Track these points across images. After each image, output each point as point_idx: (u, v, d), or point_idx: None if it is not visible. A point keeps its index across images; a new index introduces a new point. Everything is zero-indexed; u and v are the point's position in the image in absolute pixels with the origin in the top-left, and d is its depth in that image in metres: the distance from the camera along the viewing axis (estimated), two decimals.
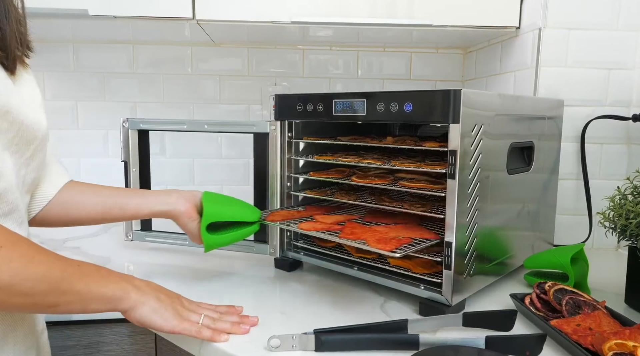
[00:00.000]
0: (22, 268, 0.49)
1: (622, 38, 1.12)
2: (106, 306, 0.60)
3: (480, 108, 0.78)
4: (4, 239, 0.49)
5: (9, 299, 0.50)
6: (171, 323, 0.65)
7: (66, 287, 0.54)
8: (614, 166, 1.16)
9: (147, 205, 0.84)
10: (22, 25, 0.65)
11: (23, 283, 0.49)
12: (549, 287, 0.78)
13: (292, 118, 0.97)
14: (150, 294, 0.65)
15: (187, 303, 0.71)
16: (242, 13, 1.14)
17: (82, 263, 0.59)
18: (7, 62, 0.59)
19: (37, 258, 0.52)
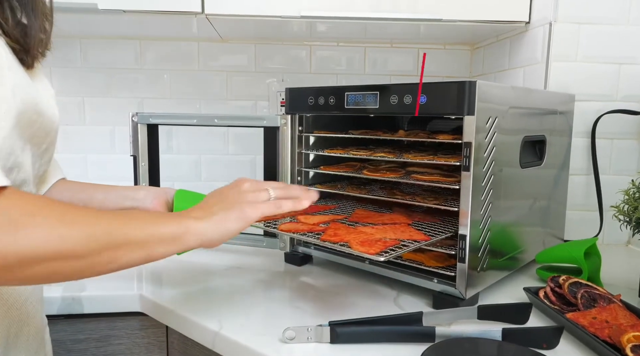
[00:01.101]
0: (64, 233, 0.46)
1: (633, 32, 1.11)
2: (172, 246, 0.55)
3: (495, 101, 0.77)
4: (36, 207, 0.46)
5: (64, 265, 0.46)
6: (245, 217, 0.60)
7: (120, 239, 0.51)
8: (625, 162, 1.15)
9: (112, 201, 0.80)
10: (48, 21, 0.64)
11: (72, 247, 0.46)
12: (563, 280, 0.78)
13: (304, 112, 0.97)
14: (209, 213, 0.60)
15: (246, 184, 0.66)
16: (251, 7, 1.14)
17: (131, 212, 0.57)
18: (27, 58, 0.59)
19: (79, 219, 0.48)
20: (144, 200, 0.80)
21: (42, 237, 0.44)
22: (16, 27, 0.61)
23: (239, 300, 0.82)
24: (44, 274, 0.45)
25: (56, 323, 0.83)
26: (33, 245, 0.43)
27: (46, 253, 0.44)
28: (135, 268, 0.89)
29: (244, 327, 0.71)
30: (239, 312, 0.77)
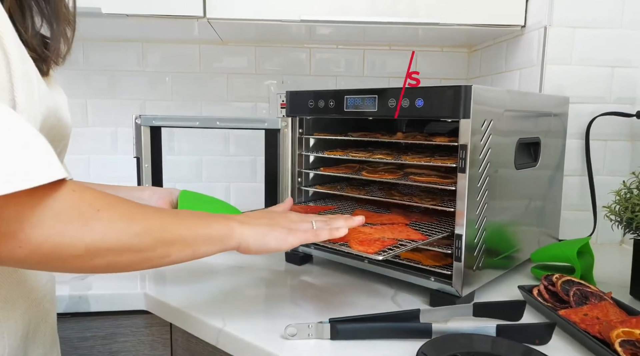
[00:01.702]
0: (125, 227, 0.50)
1: (626, 36, 1.14)
2: (216, 246, 0.59)
3: (490, 104, 0.79)
4: (101, 202, 0.49)
5: (121, 258, 0.50)
6: (286, 241, 0.64)
7: (172, 236, 0.54)
8: (618, 163, 1.18)
9: None
10: (70, 28, 0.66)
11: (130, 241, 0.50)
12: (556, 279, 0.80)
13: (304, 114, 0.99)
14: (254, 224, 0.64)
15: (293, 215, 0.71)
16: (252, 11, 1.16)
17: (180, 211, 0.60)
18: (44, 66, 0.61)
19: (138, 216, 0.52)
20: (150, 200, 0.83)
21: (107, 231, 0.48)
22: (35, 36, 0.63)
23: (241, 298, 0.84)
24: (102, 264, 0.49)
25: (64, 321, 0.85)
26: (98, 238, 0.47)
27: (109, 246, 0.48)
28: None
29: (247, 324, 0.73)
30: (242, 310, 0.79)
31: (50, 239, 0.44)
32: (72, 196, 0.46)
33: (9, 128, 0.43)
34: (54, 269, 0.51)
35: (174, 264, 0.56)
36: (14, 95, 0.53)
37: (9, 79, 0.53)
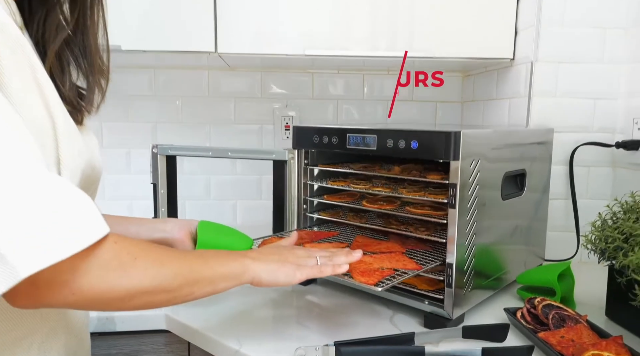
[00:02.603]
0: (157, 272, 0.58)
1: (607, 70, 1.22)
2: (232, 282, 0.68)
3: (478, 145, 0.88)
4: (137, 249, 0.57)
5: (154, 298, 0.58)
6: (293, 276, 0.72)
7: (196, 277, 0.63)
8: (600, 187, 1.26)
9: (145, 233, 0.91)
10: (104, 79, 0.74)
11: (162, 283, 0.58)
12: (537, 302, 0.89)
13: (309, 148, 1.08)
14: (266, 260, 0.72)
15: (300, 251, 0.78)
16: (260, 47, 1.25)
17: (203, 252, 0.69)
18: (79, 116, 0.69)
19: (168, 260, 0.60)
20: (172, 231, 0.91)
21: (143, 277, 0.56)
22: (71, 89, 0.71)
23: (253, 319, 0.93)
24: (139, 304, 0.57)
25: (92, 339, 0.93)
26: (136, 283, 0.55)
27: (145, 289, 0.56)
28: None
29: (260, 346, 0.82)
30: (254, 331, 0.88)
31: (96, 286, 0.53)
32: (114, 247, 0.55)
33: (61, 194, 0.51)
34: (97, 309, 0.60)
35: (197, 299, 0.65)
36: (58, 153, 0.62)
37: (55, 139, 0.61)
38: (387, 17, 1.25)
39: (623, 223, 0.87)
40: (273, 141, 1.65)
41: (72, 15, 0.72)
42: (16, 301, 0.51)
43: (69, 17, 0.72)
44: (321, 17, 1.24)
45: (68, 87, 0.70)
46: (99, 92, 0.75)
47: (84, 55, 0.73)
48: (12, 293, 0.46)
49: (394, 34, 1.25)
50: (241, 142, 1.64)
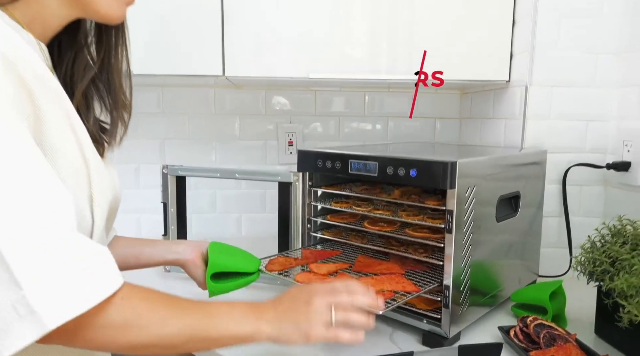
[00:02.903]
0: (160, 330, 0.59)
1: (599, 94, 1.27)
2: (242, 342, 0.66)
3: (473, 173, 0.93)
4: (143, 306, 0.59)
5: (156, 351, 0.61)
6: (306, 339, 0.69)
7: (202, 335, 0.63)
8: (592, 205, 1.32)
9: (158, 254, 0.96)
10: (127, 113, 0.80)
11: (163, 340, 0.60)
12: (530, 321, 0.94)
13: (312, 171, 1.13)
14: (280, 322, 0.69)
15: (318, 305, 0.71)
16: (266, 70, 1.30)
17: (213, 306, 0.66)
18: (101, 149, 0.75)
19: (174, 316, 0.61)
20: (184, 253, 0.97)
21: (146, 335, 0.59)
22: (95, 124, 0.77)
23: None
24: (141, 353, 0.61)
25: None
26: (136, 340, 0.58)
27: (146, 345, 0.59)
28: None
29: None
30: (261, 346, 0.93)
31: (97, 340, 0.56)
32: (121, 304, 0.57)
33: (82, 251, 0.55)
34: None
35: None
36: (91, 191, 0.67)
37: (88, 178, 0.67)
38: (387, 42, 1.30)
39: (610, 247, 0.92)
40: (277, 156, 1.70)
41: (98, 56, 0.78)
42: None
43: (95, 57, 0.78)
44: (325, 43, 1.29)
45: (92, 123, 0.76)
46: (122, 125, 0.80)
47: (109, 92, 0.79)
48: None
49: (394, 59, 1.30)
50: (246, 158, 1.69)
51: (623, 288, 0.82)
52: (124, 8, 0.72)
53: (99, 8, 0.68)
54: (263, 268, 1.01)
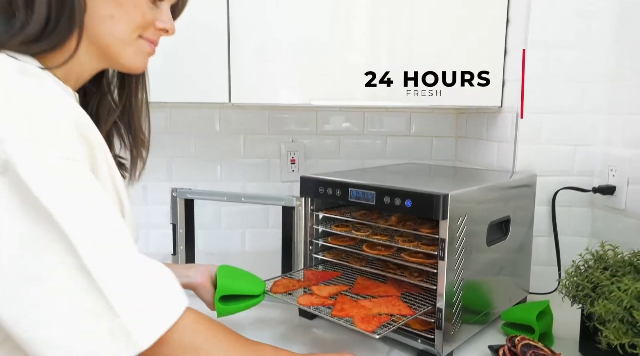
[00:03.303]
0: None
1: (586, 119, 1.34)
2: None
3: (465, 203, 1.00)
4: (210, 333, 0.67)
5: None
6: None
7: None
8: (580, 226, 1.38)
9: None
10: (145, 150, 0.87)
11: None
12: (517, 341, 1.00)
13: (314, 197, 1.19)
14: None
15: None
16: (270, 97, 1.36)
17: (264, 348, 0.76)
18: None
19: (231, 350, 0.69)
20: (195, 277, 1.04)
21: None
22: (114, 159, 0.84)
23: None
24: None
25: None
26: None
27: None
28: None
29: None
30: None
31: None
32: (190, 326, 0.64)
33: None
34: None
35: None
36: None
37: (122, 214, 0.74)
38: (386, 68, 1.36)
39: (592, 273, 0.99)
40: (279, 174, 1.77)
41: (120, 99, 0.86)
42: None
43: (117, 100, 0.85)
44: (326, 72, 1.35)
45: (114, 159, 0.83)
46: (141, 162, 0.88)
47: (129, 131, 0.87)
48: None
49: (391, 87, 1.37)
50: (250, 175, 1.76)
51: (601, 314, 0.89)
52: (146, 60, 0.79)
53: (124, 61, 0.75)
54: (268, 291, 1.07)
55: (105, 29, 0.71)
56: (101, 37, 0.71)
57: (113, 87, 0.85)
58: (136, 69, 0.77)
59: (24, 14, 0.66)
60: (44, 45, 0.68)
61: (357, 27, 1.36)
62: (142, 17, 0.73)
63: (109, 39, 0.71)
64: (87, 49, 0.71)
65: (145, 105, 0.89)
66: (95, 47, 0.72)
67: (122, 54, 0.74)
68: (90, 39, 0.71)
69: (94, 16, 0.69)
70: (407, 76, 1.36)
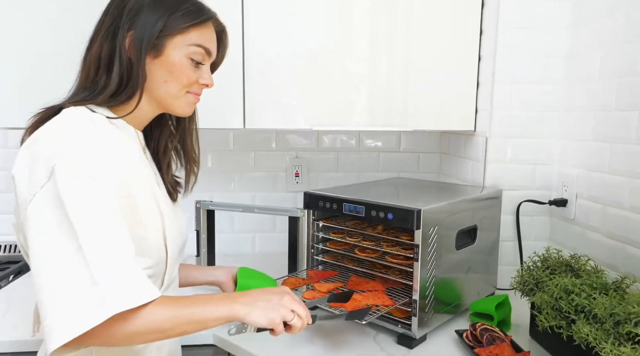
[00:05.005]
0: (166, 325, 0.81)
1: (544, 143, 1.59)
2: (222, 322, 0.86)
3: (436, 216, 1.25)
4: (163, 311, 0.81)
5: (160, 336, 0.84)
6: (271, 324, 0.89)
7: (190, 318, 0.83)
8: (540, 232, 1.63)
9: (202, 277, 1.29)
10: (196, 166, 1.12)
11: (166, 328, 0.81)
12: (478, 326, 1.25)
13: (315, 209, 1.45)
14: (251, 306, 0.87)
15: (286, 302, 0.92)
16: (278, 123, 1.62)
17: (199, 296, 0.87)
18: (175, 196, 1.08)
19: (172, 311, 0.82)
20: (220, 277, 1.29)
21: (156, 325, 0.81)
22: (171, 178, 1.09)
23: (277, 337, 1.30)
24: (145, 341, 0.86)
25: None
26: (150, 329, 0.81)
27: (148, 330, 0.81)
28: None
29: (284, 354, 1.19)
30: (276, 345, 1.25)
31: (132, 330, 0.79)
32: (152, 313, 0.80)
33: (138, 273, 0.82)
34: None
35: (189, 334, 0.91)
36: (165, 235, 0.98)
37: (163, 226, 0.97)
38: (382, 101, 1.62)
39: (536, 271, 1.24)
40: (285, 185, 2.03)
41: (177, 130, 1.11)
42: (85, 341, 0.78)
43: (174, 131, 1.10)
44: (327, 102, 1.60)
45: (170, 178, 1.08)
46: (193, 175, 1.13)
47: (184, 151, 1.12)
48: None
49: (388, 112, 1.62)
50: (259, 186, 2.02)
51: (538, 303, 1.14)
52: (192, 107, 1.05)
53: (176, 110, 1.01)
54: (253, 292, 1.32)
55: (161, 90, 0.96)
56: (159, 95, 0.97)
57: (172, 120, 1.11)
58: (185, 114, 1.03)
59: (104, 81, 0.93)
60: (116, 102, 0.94)
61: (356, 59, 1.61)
62: (187, 79, 0.98)
63: (164, 96, 0.97)
64: (149, 102, 0.97)
65: (195, 131, 1.14)
66: (155, 101, 0.98)
67: (174, 105, 0.99)
68: (151, 96, 0.97)
69: (153, 81, 0.95)
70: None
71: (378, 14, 1.58)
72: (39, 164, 0.80)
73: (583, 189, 1.47)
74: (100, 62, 0.92)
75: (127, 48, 0.91)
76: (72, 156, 0.81)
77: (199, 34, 0.97)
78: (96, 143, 0.86)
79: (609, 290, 1.09)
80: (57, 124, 0.86)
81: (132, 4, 0.92)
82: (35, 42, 1.50)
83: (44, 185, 0.78)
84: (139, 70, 0.92)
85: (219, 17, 1.03)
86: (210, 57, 1.01)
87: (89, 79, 0.93)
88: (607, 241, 1.36)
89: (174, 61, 0.95)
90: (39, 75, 1.50)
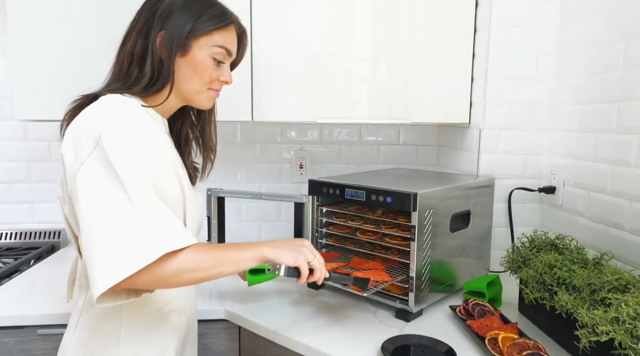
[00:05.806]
0: (204, 265, 0.91)
1: (534, 135, 1.70)
2: (253, 263, 0.97)
3: (431, 199, 1.36)
4: (203, 255, 0.91)
5: (199, 275, 0.92)
6: (295, 262, 1.02)
7: (225, 259, 0.94)
8: (531, 218, 1.74)
9: None
10: (213, 153, 1.22)
11: (204, 266, 0.92)
12: (470, 302, 1.36)
13: (319, 195, 1.55)
14: (277, 249, 1.00)
15: (307, 244, 1.08)
16: (285, 116, 1.72)
17: (230, 244, 1.00)
18: (194, 180, 1.18)
19: (211, 254, 0.93)
20: None
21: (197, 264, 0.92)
22: (191, 163, 1.20)
23: (284, 312, 1.41)
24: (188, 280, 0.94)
25: None
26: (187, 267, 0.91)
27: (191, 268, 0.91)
28: (221, 291, 1.50)
29: (291, 327, 1.30)
30: (285, 319, 1.35)
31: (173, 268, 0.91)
32: (191, 254, 0.93)
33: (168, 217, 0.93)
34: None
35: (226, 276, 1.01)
36: (185, 217, 1.09)
37: (184, 209, 1.08)
38: (383, 97, 1.72)
39: (524, 251, 1.35)
40: (290, 176, 2.13)
41: (198, 120, 1.22)
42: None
43: (195, 121, 1.21)
44: (331, 99, 1.71)
45: (190, 164, 1.19)
46: (210, 163, 1.23)
47: (203, 139, 1.22)
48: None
49: (389, 107, 1.73)
50: (265, 177, 2.12)
51: (524, 278, 1.24)
52: (212, 102, 1.15)
53: (197, 104, 1.11)
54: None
55: (186, 85, 1.07)
56: (183, 89, 1.07)
57: (194, 111, 1.21)
58: (206, 107, 1.13)
59: (136, 74, 1.03)
60: (149, 93, 1.04)
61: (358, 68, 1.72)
62: (209, 77, 1.08)
63: (188, 90, 1.08)
64: (174, 95, 1.08)
65: (214, 122, 1.24)
66: (180, 95, 1.08)
67: (197, 99, 1.10)
68: (176, 90, 1.07)
69: (179, 77, 1.06)
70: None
71: (379, 16, 1.69)
72: (83, 139, 0.91)
73: (570, 177, 1.57)
74: (133, 57, 1.03)
75: (159, 46, 1.02)
76: (117, 126, 0.92)
77: (222, 36, 1.07)
78: (136, 120, 0.97)
79: (588, 264, 1.19)
80: (98, 107, 0.96)
81: (163, 7, 1.02)
82: (64, 40, 1.61)
83: (91, 153, 0.89)
84: (170, 66, 1.02)
85: (240, 21, 1.13)
86: (230, 57, 1.11)
87: (122, 72, 1.04)
88: (592, 224, 1.46)
89: (198, 60, 1.05)
90: (69, 70, 1.61)
